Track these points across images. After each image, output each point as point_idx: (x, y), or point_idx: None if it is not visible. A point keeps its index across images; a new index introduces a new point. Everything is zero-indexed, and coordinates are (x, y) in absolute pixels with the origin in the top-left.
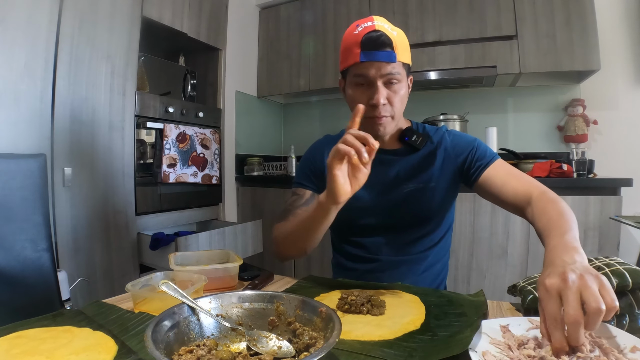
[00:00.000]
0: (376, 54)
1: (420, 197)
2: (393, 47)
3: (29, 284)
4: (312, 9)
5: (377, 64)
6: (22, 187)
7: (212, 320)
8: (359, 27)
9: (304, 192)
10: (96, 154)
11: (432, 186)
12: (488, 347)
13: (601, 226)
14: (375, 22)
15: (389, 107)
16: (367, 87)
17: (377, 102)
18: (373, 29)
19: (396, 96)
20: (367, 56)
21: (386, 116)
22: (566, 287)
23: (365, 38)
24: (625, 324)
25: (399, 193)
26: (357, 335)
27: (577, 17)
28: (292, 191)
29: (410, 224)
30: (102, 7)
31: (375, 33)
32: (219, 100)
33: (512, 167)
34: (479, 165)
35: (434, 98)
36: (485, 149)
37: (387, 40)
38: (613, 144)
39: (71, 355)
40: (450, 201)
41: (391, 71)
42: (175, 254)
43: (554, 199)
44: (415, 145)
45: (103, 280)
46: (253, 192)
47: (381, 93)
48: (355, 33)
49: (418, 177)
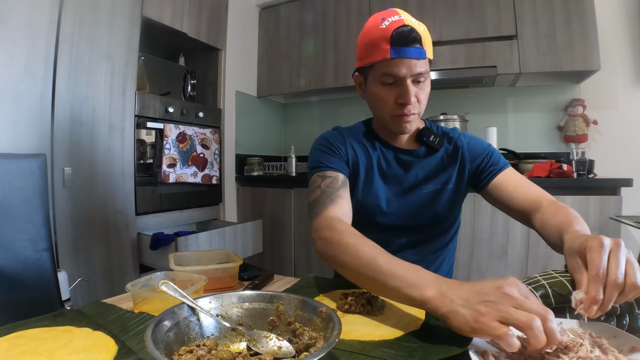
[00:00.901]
0: (407, 50)
1: (438, 198)
2: (422, 42)
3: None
4: (312, 9)
5: (408, 62)
6: (22, 187)
7: (212, 320)
8: (385, 20)
9: (337, 175)
10: (96, 154)
11: (450, 188)
12: (488, 347)
13: (601, 226)
14: (402, 15)
15: (417, 104)
16: (394, 85)
17: (407, 100)
18: (402, 23)
19: (423, 93)
20: (398, 52)
21: (414, 114)
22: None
23: (396, 33)
24: (625, 324)
25: (418, 194)
26: (357, 335)
27: (577, 17)
28: (320, 175)
29: (425, 225)
30: (102, 7)
31: (406, 28)
32: (219, 100)
33: (522, 176)
34: (492, 171)
35: (434, 98)
36: (499, 155)
37: (418, 36)
38: (613, 144)
39: (71, 355)
40: (461, 203)
41: (421, 69)
42: (175, 254)
43: (565, 206)
44: (433, 146)
45: (103, 280)
46: (253, 192)
47: (411, 91)
48: (382, 27)
49: (436, 179)
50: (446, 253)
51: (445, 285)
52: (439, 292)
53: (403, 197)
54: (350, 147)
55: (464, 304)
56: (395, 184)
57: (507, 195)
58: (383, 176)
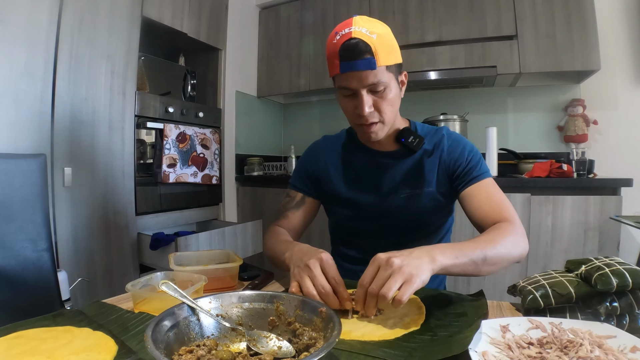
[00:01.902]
0: (354, 64)
1: (417, 201)
2: (373, 52)
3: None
4: (312, 9)
5: (358, 74)
6: (22, 187)
7: (212, 320)
8: (337, 35)
9: (296, 195)
10: (96, 154)
11: (430, 190)
12: (488, 347)
13: (601, 226)
14: (353, 27)
15: (375, 113)
16: (353, 97)
17: (362, 112)
18: (350, 36)
19: (383, 102)
20: (346, 67)
21: (375, 122)
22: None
23: (341, 48)
24: (625, 324)
25: (396, 198)
26: (357, 335)
27: (577, 17)
28: (286, 192)
29: (408, 228)
30: (102, 7)
31: (352, 41)
32: (219, 100)
33: (497, 190)
34: (465, 179)
35: (434, 98)
36: (477, 163)
37: (365, 47)
38: (613, 144)
39: (71, 355)
40: (449, 204)
41: (373, 80)
42: (175, 254)
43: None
44: (412, 147)
45: (103, 280)
46: (253, 192)
47: (365, 102)
48: (334, 42)
49: (415, 182)
50: None
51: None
52: (289, 254)
53: (381, 201)
54: (324, 161)
55: (294, 261)
56: (372, 189)
57: (470, 210)
58: (359, 182)
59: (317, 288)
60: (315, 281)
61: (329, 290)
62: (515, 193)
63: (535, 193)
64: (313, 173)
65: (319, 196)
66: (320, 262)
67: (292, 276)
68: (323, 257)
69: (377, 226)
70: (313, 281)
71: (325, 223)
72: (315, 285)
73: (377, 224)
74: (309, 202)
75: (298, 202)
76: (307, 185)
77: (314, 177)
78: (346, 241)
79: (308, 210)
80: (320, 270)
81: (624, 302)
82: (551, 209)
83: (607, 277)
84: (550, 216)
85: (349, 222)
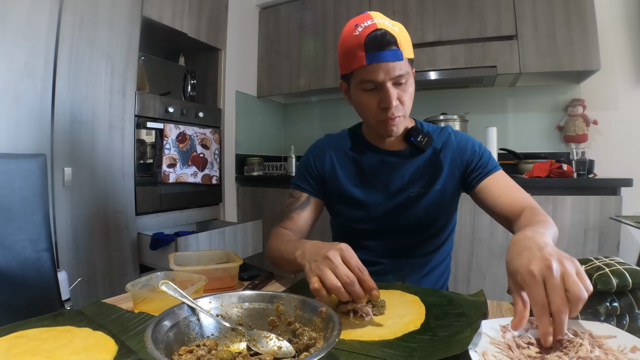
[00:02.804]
0: (382, 54)
1: (425, 201)
2: (398, 44)
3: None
4: (312, 9)
5: (385, 66)
6: (22, 187)
7: (212, 320)
8: (358, 26)
9: (300, 195)
10: (96, 154)
11: (437, 189)
12: (488, 347)
13: (601, 226)
14: (375, 19)
15: (400, 107)
16: (376, 91)
17: (389, 105)
18: (375, 27)
19: (406, 95)
20: (373, 58)
21: (399, 116)
22: (551, 275)
23: (368, 38)
24: (625, 324)
25: (404, 197)
26: (357, 335)
27: (577, 17)
28: (290, 192)
29: (414, 228)
30: (102, 7)
31: (379, 32)
32: (219, 100)
33: (511, 180)
34: (481, 173)
35: (434, 98)
36: (489, 156)
37: (392, 38)
38: (613, 144)
39: (71, 355)
40: (455, 203)
41: (400, 72)
42: (175, 254)
43: (542, 212)
44: (421, 146)
45: (103, 280)
46: (253, 192)
47: (392, 95)
48: (356, 34)
49: (423, 181)
50: (440, 254)
51: (307, 245)
52: (300, 252)
53: (390, 200)
54: (330, 161)
55: (308, 258)
56: (381, 188)
57: (491, 200)
58: (368, 182)
59: (341, 278)
60: (337, 272)
61: (354, 279)
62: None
63: (535, 193)
64: (318, 173)
65: (323, 196)
66: (340, 252)
67: (309, 272)
68: (342, 247)
69: (384, 226)
70: (335, 272)
71: (326, 223)
72: (338, 276)
73: (384, 224)
74: (314, 202)
75: (303, 203)
76: (311, 185)
77: (318, 177)
78: (351, 241)
79: (313, 210)
80: (341, 260)
81: (624, 302)
82: (551, 209)
83: (607, 277)
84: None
85: (356, 223)
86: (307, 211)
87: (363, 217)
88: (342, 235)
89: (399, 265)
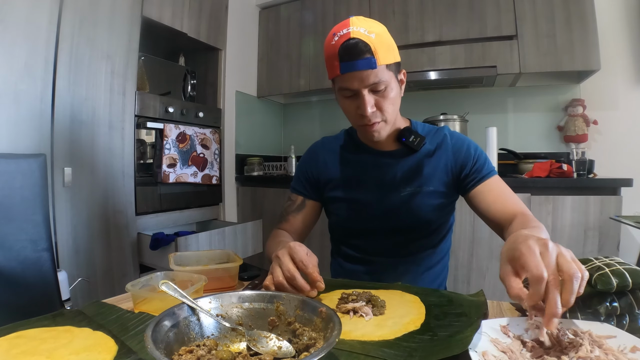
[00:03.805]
0: (355, 64)
1: (418, 200)
2: (372, 52)
3: (29, 284)
4: (312, 9)
5: (359, 74)
6: (22, 187)
7: (212, 320)
8: (335, 36)
9: (297, 198)
10: (96, 154)
11: (430, 190)
12: (488, 347)
13: (601, 226)
14: (351, 27)
15: (378, 113)
16: (354, 97)
17: (364, 112)
18: (348, 37)
19: (385, 101)
20: (346, 67)
21: (377, 122)
22: (546, 252)
23: (341, 49)
24: (625, 324)
25: (397, 197)
26: (357, 335)
27: (577, 17)
28: (288, 195)
29: (408, 227)
30: (102, 7)
31: (352, 41)
32: (219, 100)
33: (506, 185)
34: (475, 178)
35: (434, 98)
36: (485, 160)
37: (365, 47)
38: (613, 144)
39: (71, 355)
40: (450, 204)
41: (374, 80)
42: (175, 254)
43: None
44: (412, 147)
45: (103, 280)
46: (253, 192)
47: (368, 102)
48: (333, 43)
49: (415, 181)
50: (437, 253)
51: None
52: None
53: (382, 200)
54: (323, 163)
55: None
56: (373, 188)
57: (485, 206)
58: (361, 182)
59: (284, 273)
60: (282, 268)
61: (294, 273)
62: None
63: (535, 193)
64: (312, 176)
65: (319, 198)
66: (288, 250)
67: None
68: (291, 245)
69: (378, 225)
70: (281, 268)
71: (325, 224)
72: (282, 272)
73: (378, 224)
74: (310, 205)
75: (299, 206)
76: (306, 189)
77: (313, 179)
78: (347, 241)
79: (309, 213)
80: (288, 258)
81: (624, 302)
82: (551, 209)
83: (607, 277)
84: (550, 216)
85: (350, 222)
86: (302, 214)
87: (356, 216)
88: (337, 235)
89: (393, 264)
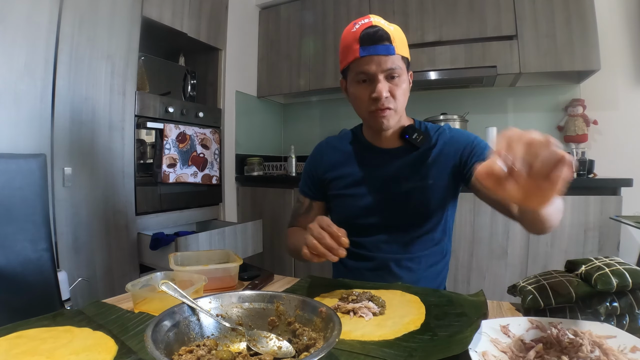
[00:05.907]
0: (375, 48)
1: (419, 195)
2: (391, 40)
3: (29, 284)
4: (312, 9)
5: (377, 59)
6: (22, 187)
7: (212, 320)
8: (356, 24)
9: (304, 200)
10: (96, 154)
11: (431, 184)
12: (488, 347)
13: (601, 226)
14: (372, 19)
15: (391, 99)
16: (369, 83)
17: (379, 94)
18: (370, 24)
19: (398, 89)
20: (366, 51)
21: (390, 108)
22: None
23: (363, 33)
24: (625, 324)
25: (398, 191)
26: (357, 335)
27: (577, 17)
28: (298, 196)
29: (410, 223)
30: (102, 7)
31: (373, 28)
32: (219, 100)
33: None
34: (476, 161)
35: (434, 98)
36: (485, 146)
37: (385, 35)
38: (613, 144)
39: (71, 355)
40: (450, 200)
41: (391, 65)
42: (175, 254)
43: None
44: (415, 144)
45: (103, 280)
46: (253, 192)
47: (383, 85)
48: (353, 31)
49: (416, 175)
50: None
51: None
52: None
53: (383, 196)
54: (328, 162)
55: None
56: (375, 184)
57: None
58: (363, 179)
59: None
60: (313, 232)
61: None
62: None
63: None
64: (317, 176)
65: (324, 198)
66: (317, 221)
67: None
68: (318, 217)
69: (380, 221)
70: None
71: None
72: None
73: (380, 219)
74: (317, 206)
75: (307, 207)
76: (312, 190)
77: (318, 180)
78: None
79: (317, 213)
80: (316, 225)
81: (624, 302)
82: None
83: (607, 277)
84: None
85: (352, 219)
86: (311, 215)
87: (358, 213)
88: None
89: (395, 261)
